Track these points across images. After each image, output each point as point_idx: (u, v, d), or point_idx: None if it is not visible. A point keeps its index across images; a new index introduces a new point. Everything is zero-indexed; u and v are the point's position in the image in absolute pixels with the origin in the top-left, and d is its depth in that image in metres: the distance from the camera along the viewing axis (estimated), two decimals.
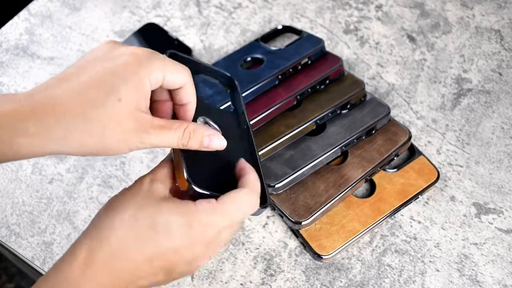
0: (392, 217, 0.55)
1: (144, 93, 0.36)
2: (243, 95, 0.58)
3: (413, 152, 0.59)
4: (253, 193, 0.38)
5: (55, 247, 0.55)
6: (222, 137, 0.39)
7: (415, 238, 0.54)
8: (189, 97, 0.40)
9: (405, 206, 0.55)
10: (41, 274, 0.56)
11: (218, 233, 0.37)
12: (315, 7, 0.72)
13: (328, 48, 0.68)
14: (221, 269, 0.53)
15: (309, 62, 0.61)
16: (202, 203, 0.36)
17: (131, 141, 0.36)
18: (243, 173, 0.39)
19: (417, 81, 0.65)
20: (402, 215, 0.55)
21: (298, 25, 0.70)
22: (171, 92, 0.40)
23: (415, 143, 0.60)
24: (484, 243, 0.53)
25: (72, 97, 0.34)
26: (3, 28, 0.71)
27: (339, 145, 0.55)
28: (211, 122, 0.42)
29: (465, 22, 0.70)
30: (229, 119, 0.45)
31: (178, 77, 0.38)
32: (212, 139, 0.39)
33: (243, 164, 0.40)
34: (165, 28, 0.70)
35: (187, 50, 0.67)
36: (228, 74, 0.46)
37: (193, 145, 0.38)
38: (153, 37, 0.69)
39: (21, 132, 0.33)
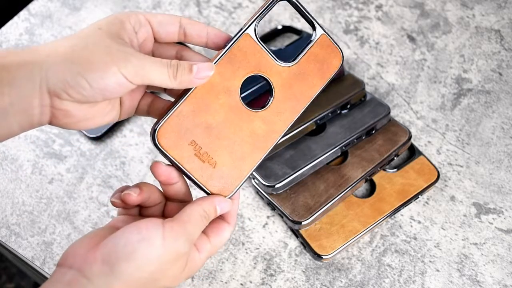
0: (392, 217, 0.55)
1: (126, 29, 0.37)
2: (243, 95, 0.58)
3: (413, 152, 0.59)
4: (233, 228, 0.41)
5: (55, 247, 0.55)
6: (211, 64, 0.38)
7: (415, 238, 0.54)
8: (200, 30, 0.40)
9: (405, 206, 0.55)
10: (41, 274, 0.56)
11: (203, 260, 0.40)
12: (315, 7, 0.72)
13: None
14: (221, 269, 0.53)
15: None
16: (203, 253, 0.39)
17: (117, 60, 0.34)
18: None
19: (417, 81, 0.65)
20: (402, 215, 0.55)
21: (298, 25, 0.70)
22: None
23: (415, 143, 0.60)
24: (484, 243, 0.53)
25: (62, 41, 0.35)
26: (3, 28, 0.71)
27: (339, 145, 0.55)
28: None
29: (465, 22, 0.70)
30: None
31: (165, 19, 0.39)
32: (200, 65, 0.37)
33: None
34: None
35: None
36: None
37: (184, 75, 0.37)
38: None
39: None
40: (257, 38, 0.40)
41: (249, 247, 0.54)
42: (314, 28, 0.42)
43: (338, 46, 0.43)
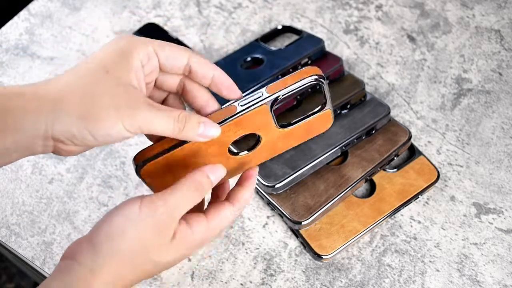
0: (392, 217, 0.55)
1: (133, 67, 0.36)
2: (243, 95, 0.58)
3: (413, 152, 0.59)
4: (237, 211, 0.40)
5: (55, 247, 0.55)
6: (217, 124, 0.38)
7: (415, 238, 0.54)
8: (207, 70, 0.39)
9: (405, 206, 0.55)
10: (41, 274, 0.56)
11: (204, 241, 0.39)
12: (315, 7, 0.72)
13: (328, 48, 0.68)
14: (221, 269, 0.53)
15: (309, 62, 0.61)
16: (197, 228, 0.38)
17: (123, 116, 0.34)
18: (244, 184, 0.41)
19: (417, 81, 0.65)
20: (402, 215, 0.55)
21: (298, 25, 0.70)
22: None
23: (415, 143, 0.60)
24: (484, 243, 0.53)
25: (67, 84, 0.35)
26: (3, 28, 0.71)
27: (339, 145, 0.55)
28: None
29: (465, 22, 0.70)
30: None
31: (173, 54, 0.38)
32: (207, 126, 0.37)
33: (252, 173, 0.41)
34: (165, 28, 0.70)
35: None
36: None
37: (189, 132, 0.36)
38: (153, 37, 0.69)
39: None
40: (271, 109, 0.40)
41: (249, 247, 0.54)
42: (325, 105, 0.42)
43: (333, 115, 0.43)
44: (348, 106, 0.58)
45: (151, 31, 0.69)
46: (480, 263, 0.52)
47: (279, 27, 0.69)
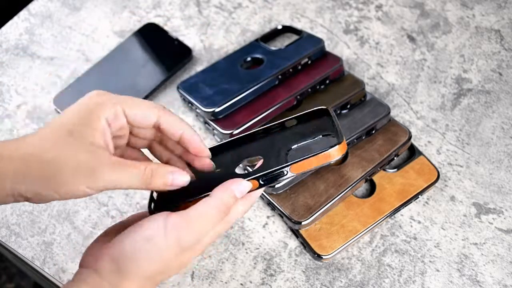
0: (392, 217, 0.55)
1: (98, 127, 0.36)
2: (243, 95, 0.58)
3: (413, 152, 0.59)
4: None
5: (55, 247, 0.55)
6: (185, 173, 0.38)
7: (415, 238, 0.54)
8: (175, 129, 0.39)
9: (405, 206, 0.55)
10: (41, 274, 0.56)
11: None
12: (315, 7, 0.72)
13: (328, 48, 0.68)
14: (221, 269, 0.53)
15: (309, 62, 0.61)
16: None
17: (85, 179, 0.34)
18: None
19: (417, 81, 0.65)
20: (402, 215, 0.55)
21: (298, 25, 0.70)
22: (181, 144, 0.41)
23: (415, 143, 0.60)
24: (484, 243, 0.53)
25: (32, 147, 0.35)
26: (3, 28, 0.71)
27: None
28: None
29: (465, 22, 0.70)
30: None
31: (142, 113, 0.38)
32: (175, 176, 0.38)
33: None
34: (165, 28, 0.70)
35: (187, 50, 0.67)
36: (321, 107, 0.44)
37: (157, 183, 0.37)
38: (153, 37, 0.69)
39: None
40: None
41: (249, 247, 0.54)
42: (340, 141, 0.40)
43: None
44: (348, 106, 0.58)
45: (151, 31, 0.69)
46: (480, 263, 0.52)
47: (279, 27, 0.69)
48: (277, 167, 0.39)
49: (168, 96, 0.65)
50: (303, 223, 0.52)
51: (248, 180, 0.39)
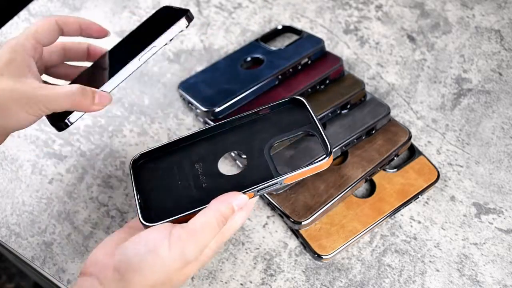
0: (392, 217, 0.55)
1: (25, 64, 0.42)
2: (243, 95, 0.58)
3: (413, 152, 0.59)
4: (243, 214, 0.41)
5: (55, 247, 0.55)
6: (109, 94, 0.43)
7: (415, 238, 0.54)
8: (73, 24, 0.48)
9: (405, 206, 0.55)
10: (41, 274, 0.56)
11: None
12: (315, 7, 0.72)
13: (328, 48, 0.68)
14: (221, 269, 0.53)
15: (309, 62, 0.61)
16: (213, 243, 0.40)
17: (24, 105, 0.39)
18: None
19: (417, 81, 0.65)
20: (402, 215, 0.55)
21: (298, 25, 0.70)
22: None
23: (415, 143, 0.60)
24: (484, 243, 0.53)
25: None
26: (3, 28, 0.71)
27: (339, 145, 0.55)
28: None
29: (465, 22, 0.70)
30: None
31: (44, 31, 0.45)
32: (101, 96, 0.42)
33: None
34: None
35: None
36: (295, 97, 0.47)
37: (84, 105, 0.41)
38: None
39: None
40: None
41: (249, 247, 0.54)
42: (329, 151, 0.43)
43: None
44: (348, 106, 0.58)
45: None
46: (480, 263, 0.52)
47: (279, 27, 0.69)
48: (272, 181, 0.41)
49: (168, 96, 0.65)
50: (303, 223, 0.52)
51: (245, 191, 0.41)
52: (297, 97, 0.46)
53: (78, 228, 0.56)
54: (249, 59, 0.64)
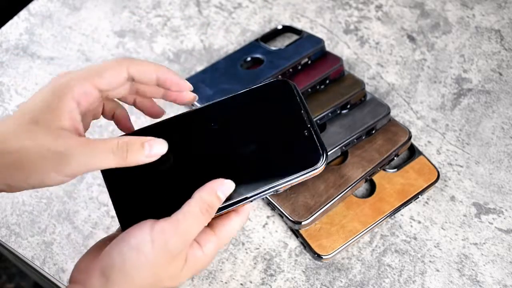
0: (392, 217, 0.55)
1: (64, 110, 0.34)
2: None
3: (413, 152, 0.59)
4: (244, 219, 0.39)
5: (55, 247, 0.55)
6: (161, 140, 0.36)
7: (415, 238, 0.54)
8: (148, 74, 0.38)
9: (405, 206, 0.55)
10: (41, 274, 0.56)
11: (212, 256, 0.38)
12: (315, 7, 0.72)
13: (328, 48, 0.68)
14: (221, 269, 0.53)
15: (309, 62, 0.61)
16: (208, 247, 0.37)
17: (54, 166, 0.33)
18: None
19: (417, 81, 0.65)
20: (402, 215, 0.55)
21: (298, 25, 0.70)
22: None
23: (415, 143, 0.60)
24: (484, 243, 0.53)
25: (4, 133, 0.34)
26: (3, 28, 0.71)
27: (339, 145, 0.55)
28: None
29: (465, 22, 0.70)
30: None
31: (109, 73, 0.36)
32: (152, 144, 0.35)
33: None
34: (165, 28, 0.70)
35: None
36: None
37: (135, 156, 0.34)
38: None
39: None
40: None
41: (249, 247, 0.54)
42: (323, 153, 0.38)
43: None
44: (348, 106, 0.58)
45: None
46: (480, 263, 0.52)
47: (279, 27, 0.69)
48: (268, 188, 0.37)
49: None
50: (303, 223, 0.52)
51: (242, 203, 0.38)
52: (283, 79, 0.42)
53: (78, 228, 0.56)
54: (249, 59, 0.64)
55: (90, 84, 0.36)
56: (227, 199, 0.37)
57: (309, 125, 0.39)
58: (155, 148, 0.35)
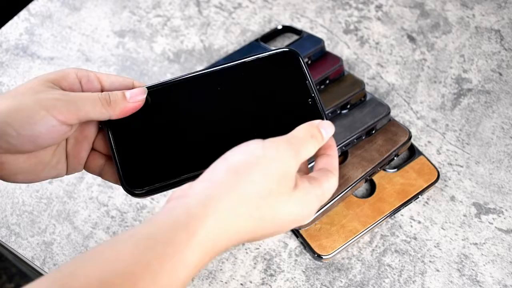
0: (392, 217, 0.55)
1: (67, 76, 0.37)
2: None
3: (413, 152, 0.59)
4: (336, 177, 0.37)
5: (55, 247, 0.55)
6: (144, 88, 0.39)
7: (415, 238, 0.54)
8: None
9: (405, 206, 0.55)
10: (41, 274, 0.56)
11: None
12: (315, 7, 0.72)
13: (328, 48, 0.68)
14: (221, 269, 0.53)
15: (309, 62, 0.61)
16: (315, 185, 0.35)
17: (48, 105, 0.34)
18: (329, 152, 0.37)
19: (417, 81, 0.65)
20: (402, 215, 0.55)
21: (298, 25, 0.70)
22: None
23: (415, 143, 0.60)
24: (484, 243, 0.53)
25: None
26: (3, 28, 0.71)
27: (339, 145, 0.55)
28: None
29: (465, 22, 0.70)
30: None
31: (117, 79, 0.39)
32: (133, 91, 0.38)
33: (330, 143, 0.38)
34: (165, 28, 0.70)
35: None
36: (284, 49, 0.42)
37: (119, 103, 0.37)
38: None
39: None
40: None
41: (249, 247, 0.54)
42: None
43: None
44: (348, 106, 0.58)
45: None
46: (480, 263, 0.52)
47: (279, 27, 0.69)
48: None
49: None
50: None
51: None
52: (290, 50, 0.42)
53: (78, 228, 0.56)
54: None
55: (94, 74, 0.39)
56: None
57: (313, 94, 0.40)
58: (136, 96, 0.38)
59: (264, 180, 0.32)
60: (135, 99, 0.38)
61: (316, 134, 0.36)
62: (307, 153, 0.35)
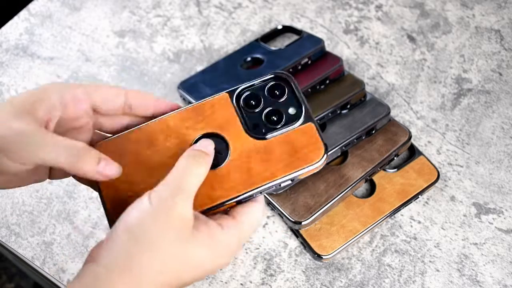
0: (392, 217, 0.55)
1: (43, 101, 0.33)
2: None
3: (413, 152, 0.59)
4: (262, 208, 0.36)
5: (55, 247, 0.55)
6: (119, 166, 0.34)
7: (415, 238, 0.54)
8: (146, 105, 0.37)
9: (405, 206, 0.55)
10: (41, 274, 0.56)
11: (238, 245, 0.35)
12: (315, 7, 0.72)
13: (328, 48, 0.68)
14: (221, 269, 0.53)
15: (309, 62, 0.61)
16: (227, 224, 0.34)
17: (8, 150, 0.32)
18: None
19: (417, 81, 0.65)
20: (402, 215, 0.55)
21: (298, 25, 0.70)
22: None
23: (415, 143, 0.60)
24: (484, 243, 0.53)
25: None
26: (3, 28, 0.71)
27: (339, 145, 0.55)
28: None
29: (465, 22, 0.70)
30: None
31: (107, 92, 0.36)
32: (108, 163, 0.34)
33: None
34: (165, 28, 0.70)
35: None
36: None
37: (86, 164, 0.33)
38: None
39: None
40: (235, 101, 0.38)
41: (249, 247, 0.54)
42: (301, 114, 0.37)
43: (323, 141, 0.37)
44: (348, 106, 0.58)
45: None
46: (480, 263, 0.52)
47: (279, 27, 0.69)
48: (276, 181, 0.36)
49: (168, 96, 0.65)
50: (303, 223, 0.52)
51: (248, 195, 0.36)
52: (282, 74, 0.41)
53: (78, 228, 0.56)
54: (249, 59, 0.64)
55: (83, 92, 0.35)
56: (232, 191, 0.36)
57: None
58: (109, 168, 0.34)
59: (157, 230, 0.32)
60: (105, 173, 0.34)
61: (199, 155, 0.34)
62: (193, 181, 0.33)
